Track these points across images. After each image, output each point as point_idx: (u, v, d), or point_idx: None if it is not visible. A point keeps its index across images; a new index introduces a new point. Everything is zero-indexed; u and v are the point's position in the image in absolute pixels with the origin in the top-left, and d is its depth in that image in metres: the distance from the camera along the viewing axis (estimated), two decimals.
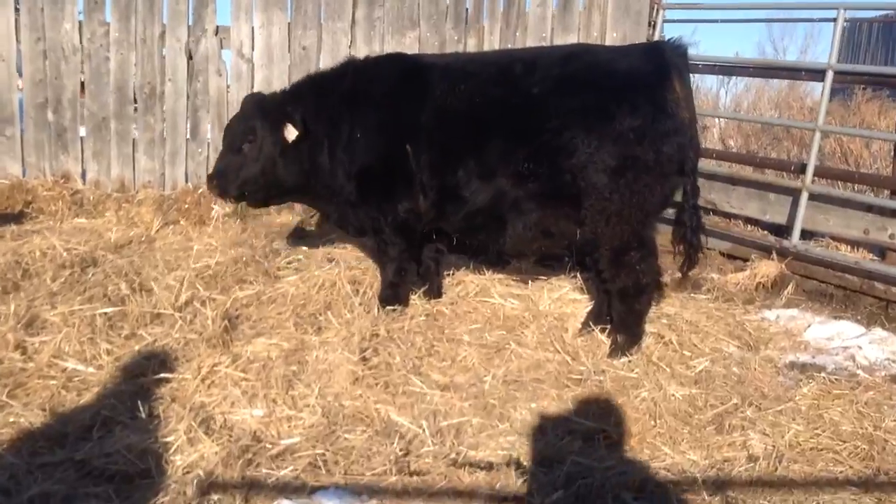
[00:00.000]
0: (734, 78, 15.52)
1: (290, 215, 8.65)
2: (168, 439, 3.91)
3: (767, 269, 6.91)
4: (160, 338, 4.93)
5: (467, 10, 8.45)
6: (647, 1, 8.08)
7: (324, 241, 7.40)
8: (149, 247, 7.01)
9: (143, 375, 4.54)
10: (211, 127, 8.86)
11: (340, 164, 5.58)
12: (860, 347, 5.63)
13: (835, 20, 6.70)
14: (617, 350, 5.28)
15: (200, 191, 8.68)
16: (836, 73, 6.67)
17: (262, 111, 5.68)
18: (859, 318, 6.29)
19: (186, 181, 8.87)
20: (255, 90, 8.67)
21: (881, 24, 23.88)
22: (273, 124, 5.59)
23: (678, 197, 5.45)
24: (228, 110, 8.72)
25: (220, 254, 6.42)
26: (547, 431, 4.29)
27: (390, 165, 5.44)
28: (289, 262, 6.61)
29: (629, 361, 5.12)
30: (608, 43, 8.17)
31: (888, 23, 22.89)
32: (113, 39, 8.69)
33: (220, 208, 8.56)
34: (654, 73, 5.16)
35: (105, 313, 5.12)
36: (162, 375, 4.49)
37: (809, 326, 6.07)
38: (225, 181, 5.68)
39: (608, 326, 5.54)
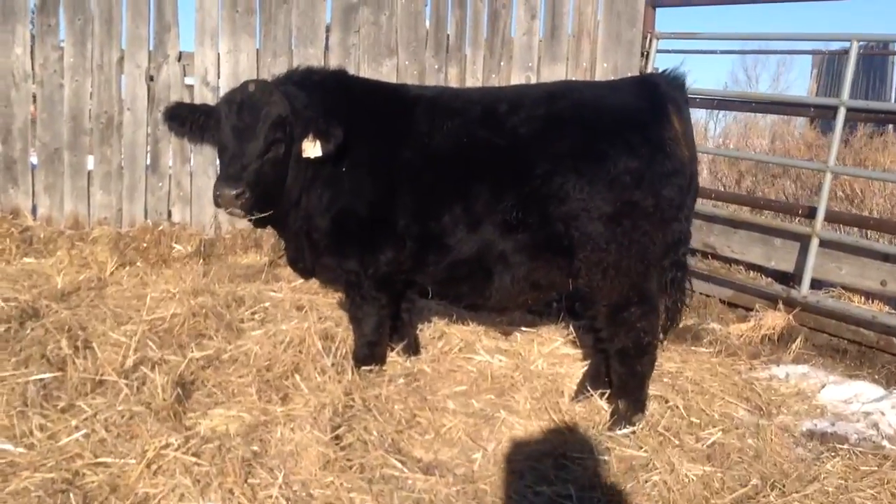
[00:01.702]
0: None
1: (256, 255, 8.06)
2: None
3: (774, 320, 6.39)
4: (102, 410, 4.28)
5: (448, 37, 7.92)
6: (639, 30, 7.58)
7: (293, 285, 6.83)
8: (98, 294, 6.38)
9: (80, 458, 3.90)
10: (173, 159, 8.27)
11: (317, 199, 4.84)
12: (883, 413, 5.10)
13: (847, 52, 6.22)
14: (619, 420, 4.71)
15: (160, 228, 8.12)
16: (849, 109, 6.18)
17: (293, 110, 4.60)
18: (877, 377, 5.77)
19: (146, 217, 8.27)
20: None
21: (861, 56, 23.62)
22: (303, 130, 4.61)
23: None
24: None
25: (178, 303, 5.79)
26: None
27: (376, 209, 4.80)
28: (253, 313, 6.01)
29: (634, 435, 4.55)
30: (598, 74, 7.68)
31: (868, 55, 22.68)
32: (67, 65, 8.11)
33: (181, 247, 7.99)
34: (650, 110, 4.64)
35: (40, 380, 4.48)
36: (101, 459, 3.85)
37: (824, 387, 5.54)
38: (253, 195, 4.44)
39: (606, 391, 4.98)
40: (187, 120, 4.70)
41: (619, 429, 4.65)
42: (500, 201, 4.61)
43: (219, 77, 8.11)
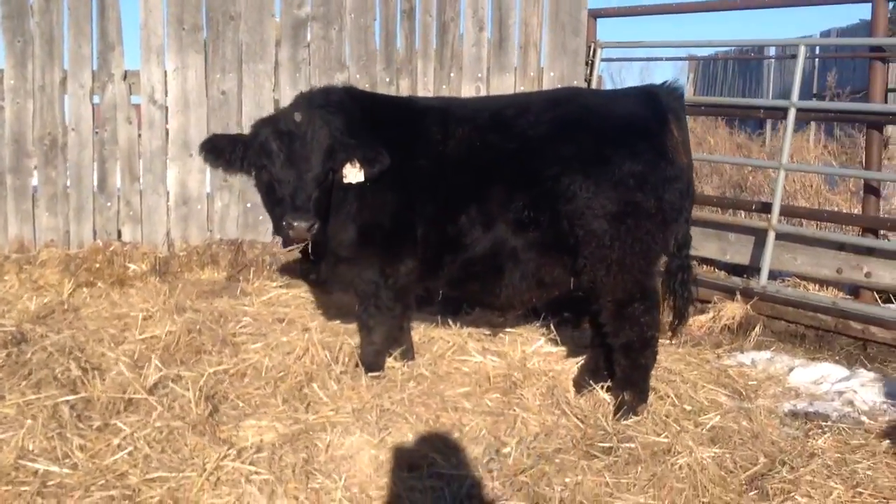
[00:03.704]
0: None
1: (213, 271, 8.01)
2: None
3: (732, 310, 6.80)
4: (138, 427, 4.28)
5: (398, 50, 8.09)
6: (583, 39, 7.93)
7: (262, 299, 6.87)
8: (76, 316, 6.29)
9: (131, 475, 3.91)
10: (121, 179, 8.15)
11: (344, 214, 4.94)
12: (855, 392, 5.52)
13: (774, 57, 6.69)
14: (626, 410, 4.98)
15: (112, 248, 7.98)
16: (799, 110, 6.66)
17: (334, 136, 4.65)
18: (838, 359, 6.24)
19: (94, 238, 8.12)
20: (171, 139, 8.08)
21: (735, 60, 25.00)
22: (346, 155, 4.70)
23: None
24: (140, 160, 8.07)
25: (169, 321, 5.77)
26: None
27: (397, 220, 4.96)
28: (241, 328, 6.03)
29: (651, 422, 4.82)
30: (546, 82, 7.99)
31: (742, 59, 23.93)
32: (8, 87, 7.93)
33: (136, 266, 7.89)
34: (654, 118, 4.97)
35: (67, 401, 4.45)
36: (158, 474, 3.87)
37: (792, 370, 5.96)
38: (320, 225, 4.56)
39: (607, 383, 5.25)
40: (225, 151, 4.74)
41: (625, 418, 4.92)
42: (513, 201, 4.86)
43: (166, 95, 8.04)
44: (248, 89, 8.08)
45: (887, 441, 4.79)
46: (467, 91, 8.07)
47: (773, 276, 7.05)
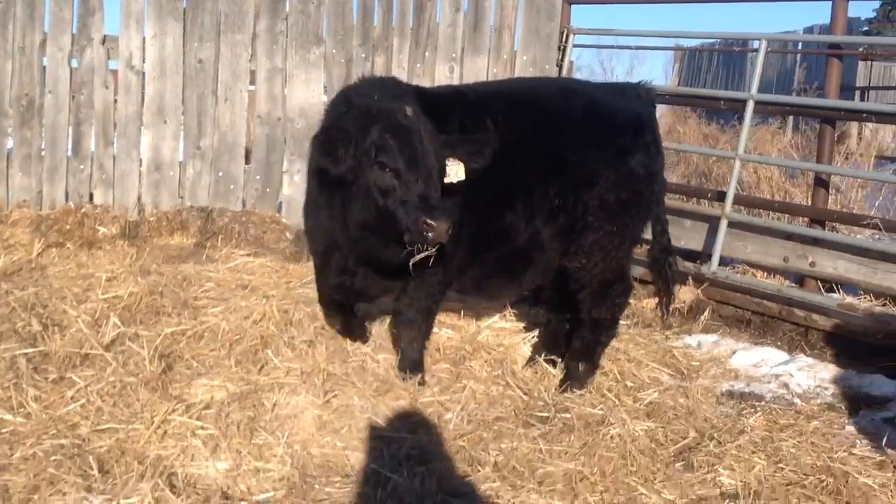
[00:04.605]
0: None
1: (182, 237, 8.15)
2: (131, 500, 3.52)
3: (683, 294, 7.00)
4: (93, 381, 4.46)
5: (375, 27, 8.22)
6: (556, 24, 8.09)
7: (229, 266, 7.02)
8: (42, 274, 6.42)
9: (82, 426, 4.09)
10: (95, 142, 8.26)
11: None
12: (791, 375, 5.76)
13: (756, 50, 6.90)
14: (576, 381, 5.22)
15: (83, 210, 8.10)
16: (757, 102, 6.87)
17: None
18: (780, 343, 6.45)
19: (67, 200, 8.22)
20: (146, 105, 8.19)
21: (720, 52, 25.24)
22: (456, 150, 4.47)
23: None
24: (115, 125, 8.18)
25: (131, 283, 5.93)
26: (524, 475, 4.15)
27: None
28: (204, 292, 6.19)
29: (590, 396, 5.04)
30: (518, 66, 8.15)
31: (727, 51, 24.14)
32: None
33: (106, 230, 8.02)
34: (650, 113, 5.40)
35: (25, 354, 4.61)
36: (108, 426, 4.06)
37: (734, 353, 6.18)
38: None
39: (554, 358, 5.47)
40: (338, 148, 4.18)
41: (575, 389, 5.16)
42: (548, 191, 4.94)
43: (144, 61, 8.15)
44: (224, 59, 8.18)
45: (815, 422, 5.02)
46: (441, 71, 8.22)
47: (725, 262, 7.27)
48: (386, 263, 4.44)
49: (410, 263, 4.18)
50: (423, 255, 4.11)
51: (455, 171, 4.43)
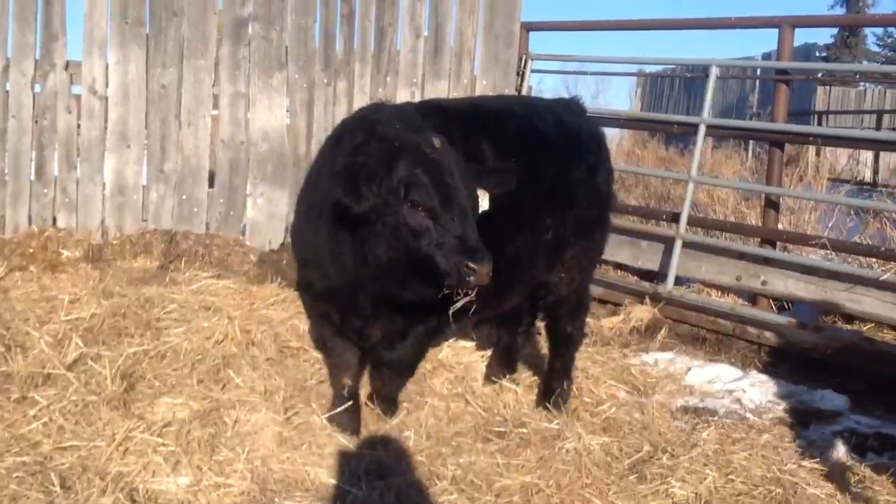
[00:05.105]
0: None
1: (146, 260, 8.18)
2: None
3: (641, 313, 7.17)
4: (55, 400, 4.50)
5: (337, 52, 8.35)
6: (515, 51, 8.29)
7: (191, 288, 7.07)
8: (5, 297, 6.42)
9: (45, 444, 4.14)
10: (58, 167, 8.29)
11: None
12: (744, 391, 5.91)
13: (707, 75, 7.13)
14: (563, 397, 5.37)
15: (47, 234, 8.12)
16: (709, 126, 7.09)
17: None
18: (734, 360, 6.63)
19: (30, 224, 8.23)
20: (109, 130, 8.24)
21: (681, 78, 25.74)
22: (483, 181, 4.19)
23: None
24: (78, 149, 8.22)
25: (94, 305, 5.98)
26: (481, 489, 4.24)
27: None
28: (167, 313, 6.24)
29: (547, 412, 5.16)
30: (478, 90, 8.33)
31: (687, 77, 24.59)
32: None
33: (69, 253, 8.04)
34: (602, 131, 5.59)
35: None
36: (71, 443, 4.11)
37: (690, 370, 6.33)
38: None
39: (512, 375, 5.64)
40: (362, 185, 3.79)
41: (563, 404, 5.31)
42: (542, 209, 4.88)
43: (107, 86, 8.20)
44: (188, 83, 8.26)
45: (766, 435, 5.18)
46: (402, 95, 8.35)
47: (680, 282, 7.45)
48: (410, 303, 4.14)
49: (451, 311, 3.94)
50: (464, 300, 3.87)
51: (482, 202, 4.15)
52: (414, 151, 3.88)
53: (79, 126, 8.28)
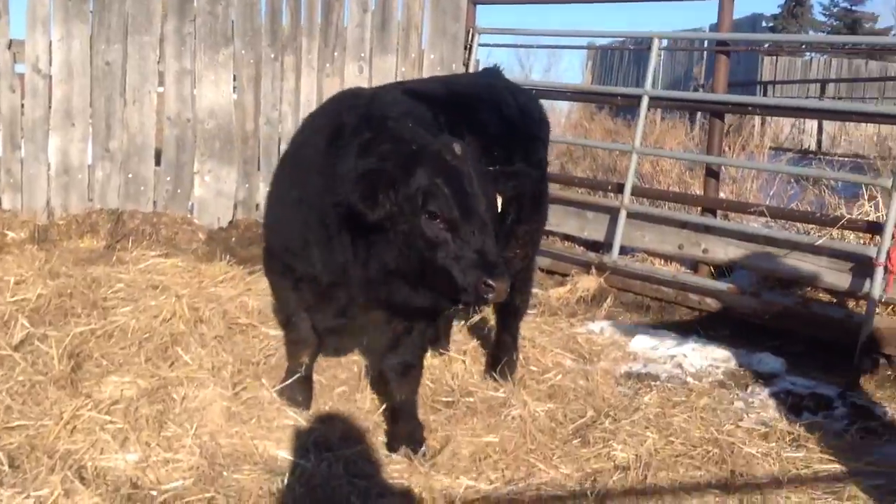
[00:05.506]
0: None
1: (92, 240, 8.13)
2: (41, 493, 3.60)
3: (587, 283, 7.31)
4: (2, 381, 4.51)
5: (284, 27, 8.33)
6: (462, 25, 8.33)
7: (139, 267, 7.06)
8: None
9: None
10: (2, 147, 8.20)
11: None
12: (685, 356, 6.07)
13: (650, 48, 7.25)
14: (511, 367, 5.46)
15: None
16: (652, 98, 7.21)
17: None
18: (676, 327, 6.78)
19: None
20: (54, 108, 8.16)
21: (630, 51, 25.94)
22: (500, 184, 4.07)
23: None
24: (22, 129, 8.13)
25: (40, 285, 5.96)
26: (429, 457, 4.35)
27: None
28: (114, 293, 6.23)
29: (493, 381, 5.26)
30: (426, 64, 8.37)
31: (637, 49, 24.79)
32: None
33: (14, 234, 7.98)
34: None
35: None
36: (18, 423, 4.13)
37: (634, 337, 6.46)
38: None
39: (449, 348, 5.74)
40: (379, 193, 3.65)
41: (510, 373, 5.38)
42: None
43: (50, 64, 8.12)
44: (132, 60, 8.20)
45: (706, 398, 5.33)
46: (350, 70, 8.37)
47: (625, 251, 7.60)
48: (412, 310, 4.05)
49: (465, 323, 3.83)
50: (478, 316, 3.74)
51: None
52: (434, 158, 3.72)
53: (22, 105, 8.20)
